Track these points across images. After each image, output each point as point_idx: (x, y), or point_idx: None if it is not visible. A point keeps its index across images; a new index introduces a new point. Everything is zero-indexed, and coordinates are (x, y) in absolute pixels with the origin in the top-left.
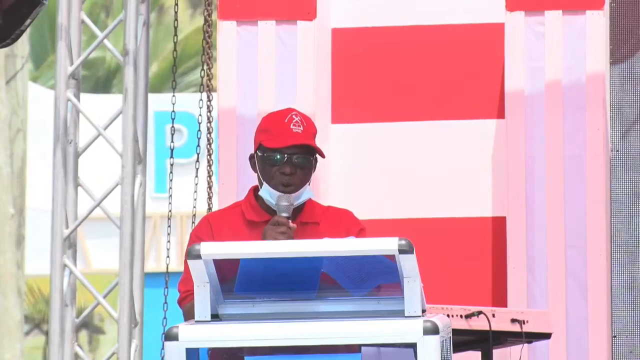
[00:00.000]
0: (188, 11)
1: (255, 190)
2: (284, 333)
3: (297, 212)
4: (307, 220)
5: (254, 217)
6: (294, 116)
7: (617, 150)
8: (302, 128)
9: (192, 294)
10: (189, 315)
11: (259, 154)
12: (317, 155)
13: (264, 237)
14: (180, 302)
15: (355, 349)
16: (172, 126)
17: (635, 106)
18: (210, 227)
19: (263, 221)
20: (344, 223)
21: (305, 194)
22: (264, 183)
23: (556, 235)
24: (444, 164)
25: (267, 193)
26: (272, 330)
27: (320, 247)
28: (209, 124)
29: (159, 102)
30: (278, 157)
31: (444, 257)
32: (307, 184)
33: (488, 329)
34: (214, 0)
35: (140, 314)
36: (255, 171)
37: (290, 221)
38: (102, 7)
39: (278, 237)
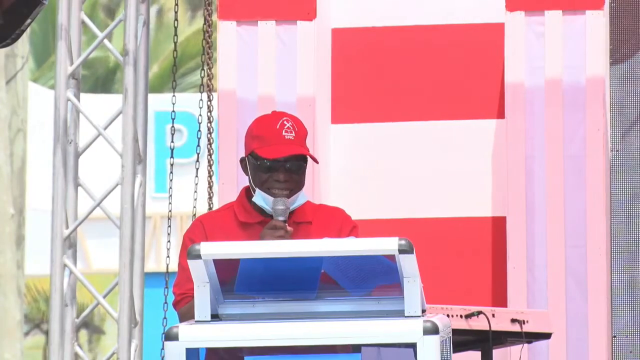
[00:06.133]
0: (187, 13)
1: (247, 191)
2: (284, 333)
3: (290, 212)
4: (300, 219)
5: (246, 219)
6: (285, 122)
7: (617, 150)
8: (294, 134)
9: (188, 296)
10: (185, 318)
11: (252, 161)
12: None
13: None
14: (175, 305)
15: (355, 348)
16: (172, 126)
17: (635, 106)
18: (204, 229)
19: (256, 222)
20: (336, 221)
21: (300, 198)
22: (257, 189)
23: (556, 235)
24: (444, 164)
25: (262, 199)
26: (272, 330)
27: (320, 247)
28: (209, 124)
29: (159, 102)
30: (272, 165)
31: (444, 257)
32: (302, 187)
33: (488, 329)
34: (214, 1)
35: (140, 314)
36: (247, 174)
37: (287, 225)
38: (102, 7)
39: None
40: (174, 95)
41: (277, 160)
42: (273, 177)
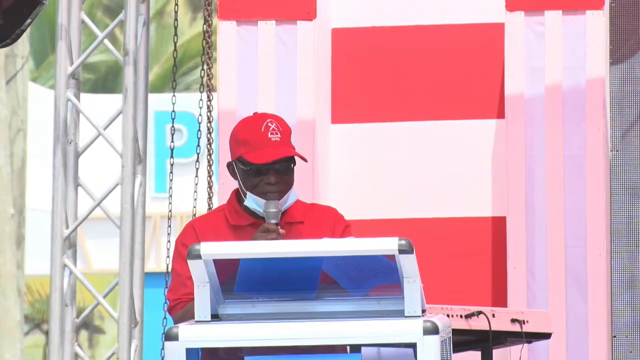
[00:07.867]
0: (188, 15)
1: (237, 193)
2: (284, 333)
3: (281, 212)
4: (291, 220)
5: (237, 221)
6: (269, 123)
7: (617, 150)
8: (279, 135)
9: (182, 302)
10: (181, 322)
11: (241, 166)
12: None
13: None
14: (170, 310)
15: (355, 349)
16: (172, 126)
17: (635, 106)
18: (195, 233)
19: (248, 224)
20: (328, 220)
21: (290, 197)
22: (249, 193)
23: (556, 235)
24: (444, 164)
25: (254, 202)
26: (272, 330)
27: (320, 247)
28: (209, 124)
29: (159, 102)
30: (262, 169)
31: (444, 257)
32: (292, 186)
33: (488, 329)
34: (214, 1)
35: (140, 314)
36: (235, 179)
37: (279, 227)
38: (102, 7)
39: None
40: (174, 95)
41: (266, 163)
42: (264, 180)
